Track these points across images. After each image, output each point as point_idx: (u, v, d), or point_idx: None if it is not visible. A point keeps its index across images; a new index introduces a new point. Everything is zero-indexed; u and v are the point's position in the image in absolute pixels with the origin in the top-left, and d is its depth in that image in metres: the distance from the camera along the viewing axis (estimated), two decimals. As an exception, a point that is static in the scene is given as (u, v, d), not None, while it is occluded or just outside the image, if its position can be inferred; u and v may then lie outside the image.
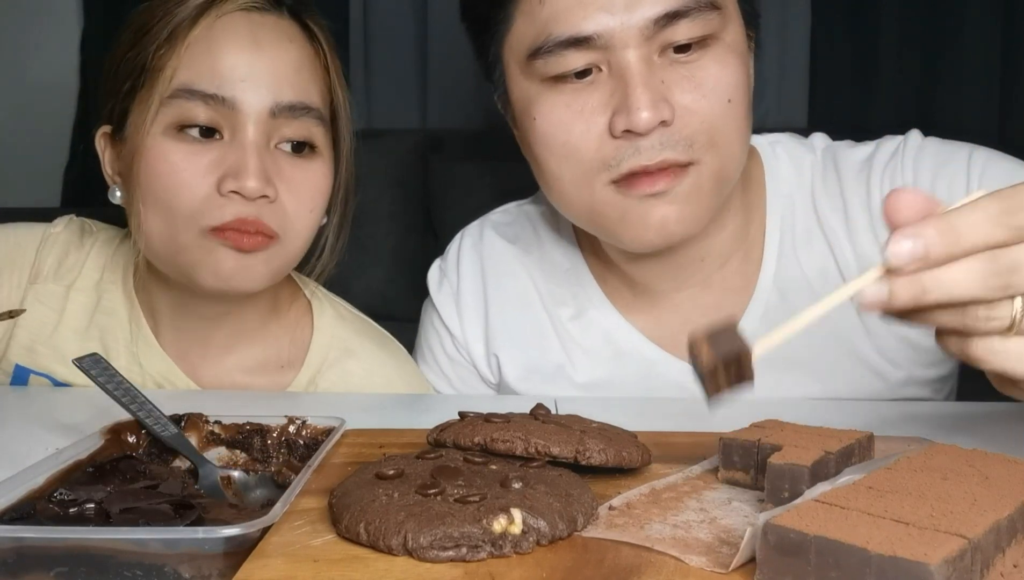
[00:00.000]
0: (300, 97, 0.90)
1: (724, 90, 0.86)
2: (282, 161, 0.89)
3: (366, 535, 0.49)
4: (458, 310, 1.07)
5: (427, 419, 0.72)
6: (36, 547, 0.46)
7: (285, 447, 0.67)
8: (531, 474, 0.56)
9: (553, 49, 0.85)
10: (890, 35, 2.23)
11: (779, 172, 1.02)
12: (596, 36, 0.83)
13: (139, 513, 0.51)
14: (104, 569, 0.46)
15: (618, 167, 0.85)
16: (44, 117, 2.46)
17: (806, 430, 0.63)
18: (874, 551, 0.40)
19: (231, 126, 0.87)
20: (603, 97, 0.85)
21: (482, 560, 0.48)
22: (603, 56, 0.85)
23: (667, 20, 0.83)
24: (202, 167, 0.87)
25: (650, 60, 0.84)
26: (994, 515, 0.44)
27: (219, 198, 0.86)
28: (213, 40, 0.88)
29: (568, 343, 1.03)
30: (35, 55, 2.49)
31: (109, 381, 0.68)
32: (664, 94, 0.83)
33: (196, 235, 0.87)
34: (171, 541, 0.46)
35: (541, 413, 0.67)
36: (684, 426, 0.78)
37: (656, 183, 0.85)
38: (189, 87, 0.87)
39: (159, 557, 0.46)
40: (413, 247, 2.21)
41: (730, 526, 0.53)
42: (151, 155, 0.87)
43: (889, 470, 0.51)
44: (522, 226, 1.10)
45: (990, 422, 0.84)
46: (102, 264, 1.03)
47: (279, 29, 0.91)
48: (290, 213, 0.90)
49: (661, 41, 0.84)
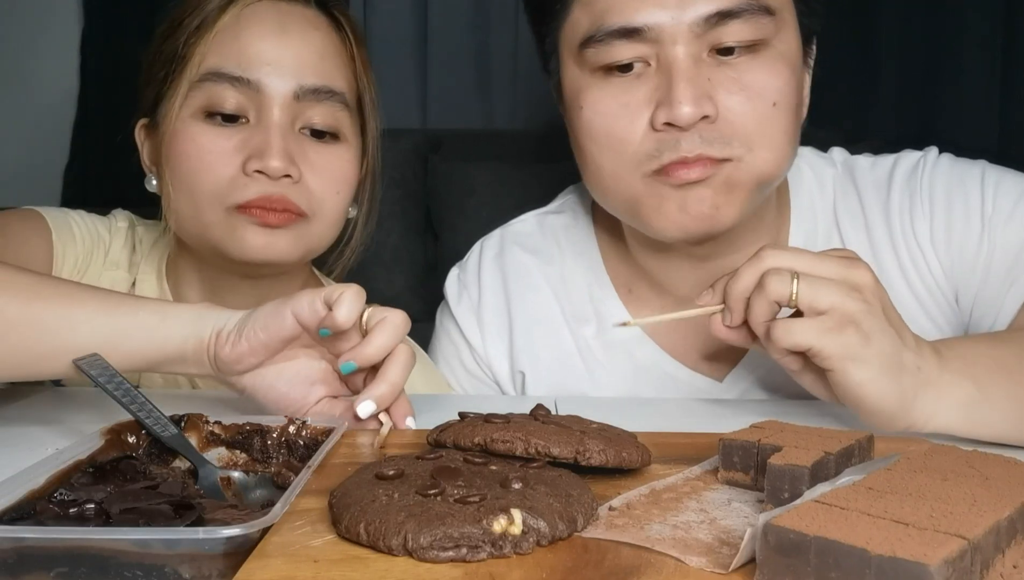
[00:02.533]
0: (324, 81, 0.93)
1: (770, 94, 0.86)
2: (306, 144, 0.93)
3: (366, 535, 0.49)
4: (480, 325, 1.06)
5: (427, 419, 0.72)
6: (37, 547, 0.46)
7: (285, 448, 0.68)
8: (531, 475, 0.56)
9: (604, 39, 0.86)
10: (890, 37, 2.23)
11: (803, 186, 1.02)
12: (647, 28, 0.84)
13: (139, 513, 0.51)
14: (104, 569, 0.46)
15: (658, 158, 0.86)
16: (44, 117, 2.47)
17: (806, 431, 0.63)
18: (874, 552, 0.40)
19: (256, 108, 0.91)
20: (649, 91, 0.86)
21: (482, 560, 0.48)
22: (652, 50, 0.85)
23: (719, 19, 0.84)
24: (228, 148, 0.90)
25: (698, 58, 0.85)
26: (994, 516, 0.44)
27: (244, 178, 0.89)
28: (240, 27, 0.92)
29: (591, 361, 1.03)
30: (35, 55, 2.49)
31: (109, 381, 0.68)
32: (708, 92, 0.84)
33: (222, 213, 0.90)
34: (171, 541, 0.46)
35: (541, 414, 0.67)
36: (684, 426, 0.78)
37: (692, 171, 0.85)
38: (217, 71, 0.91)
39: (159, 557, 0.46)
40: (413, 247, 2.21)
41: (730, 527, 0.53)
42: (180, 137, 0.91)
43: (889, 471, 0.51)
44: (544, 238, 1.09)
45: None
46: (141, 258, 1.06)
47: (305, 17, 0.95)
48: (316, 194, 0.92)
49: (711, 40, 0.85)
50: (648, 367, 1.01)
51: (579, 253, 1.06)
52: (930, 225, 0.95)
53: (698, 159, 0.85)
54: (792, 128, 0.89)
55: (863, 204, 0.99)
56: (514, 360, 1.04)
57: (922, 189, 0.96)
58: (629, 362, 1.01)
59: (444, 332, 1.09)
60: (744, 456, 0.61)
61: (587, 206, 1.09)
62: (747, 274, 0.76)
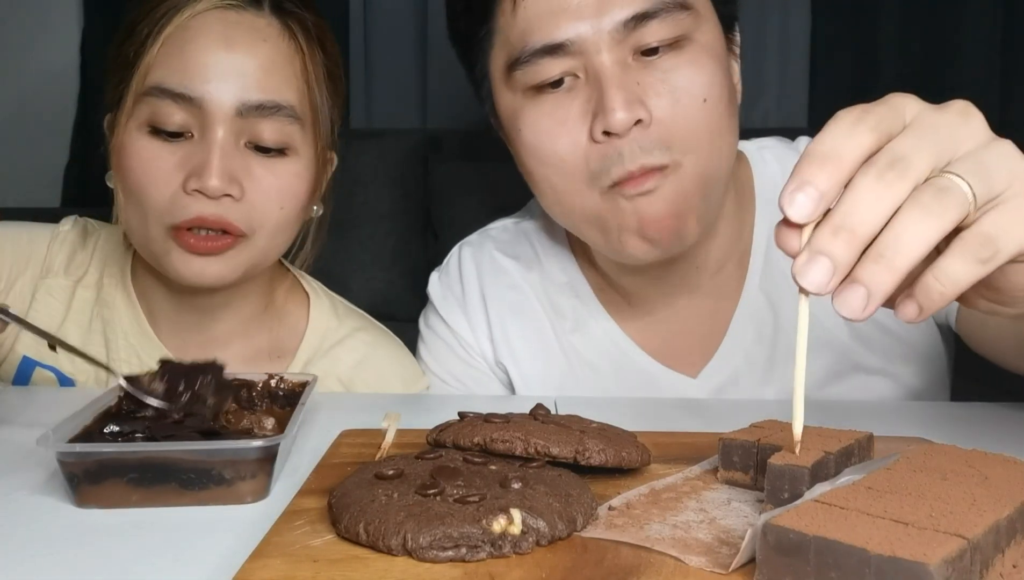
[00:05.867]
0: (269, 96, 0.90)
1: (699, 90, 0.86)
2: (251, 160, 0.91)
3: (366, 535, 0.50)
4: (466, 317, 1.07)
5: (427, 419, 0.72)
6: (114, 460, 0.60)
7: (268, 397, 0.79)
8: (531, 474, 0.56)
9: (530, 59, 0.86)
10: (890, 36, 2.22)
11: (767, 176, 1.02)
12: (569, 43, 0.85)
13: (178, 438, 0.63)
14: (166, 474, 0.60)
15: (607, 175, 0.86)
16: (44, 117, 2.46)
17: (806, 430, 0.62)
18: (873, 551, 0.40)
19: (200, 125, 0.89)
20: (582, 104, 0.86)
21: (482, 560, 0.48)
22: (579, 62, 0.86)
23: (637, 22, 0.84)
24: (171, 165, 0.89)
25: (624, 63, 0.85)
26: (993, 515, 0.44)
27: (184, 196, 0.88)
28: (186, 39, 0.90)
29: (571, 355, 1.03)
30: (35, 55, 2.49)
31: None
32: (639, 95, 0.84)
33: (161, 232, 0.90)
34: (217, 451, 0.61)
35: (541, 413, 0.67)
36: (684, 426, 0.78)
37: (642, 183, 0.85)
38: (160, 85, 0.89)
39: (207, 463, 0.60)
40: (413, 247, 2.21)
41: (730, 526, 0.53)
42: (126, 151, 0.90)
43: (888, 470, 0.51)
44: (521, 244, 1.10)
45: (990, 422, 0.84)
46: (103, 261, 1.05)
47: (254, 28, 0.92)
48: (258, 210, 0.91)
49: (633, 43, 0.85)
50: (624, 364, 1.01)
51: (554, 256, 1.08)
52: None
53: (641, 170, 0.85)
54: (726, 121, 0.89)
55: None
56: (496, 351, 1.06)
57: None
58: (605, 357, 1.02)
59: (432, 334, 1.10)
60: (744, 456, 0.61)
61: None
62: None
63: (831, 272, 0.47)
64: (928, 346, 1.00)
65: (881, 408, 0.91)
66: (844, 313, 0.47)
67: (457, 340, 1.07)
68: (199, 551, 0.55)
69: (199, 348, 1.02)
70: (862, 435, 0.62)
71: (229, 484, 0.61)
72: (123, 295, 1.03)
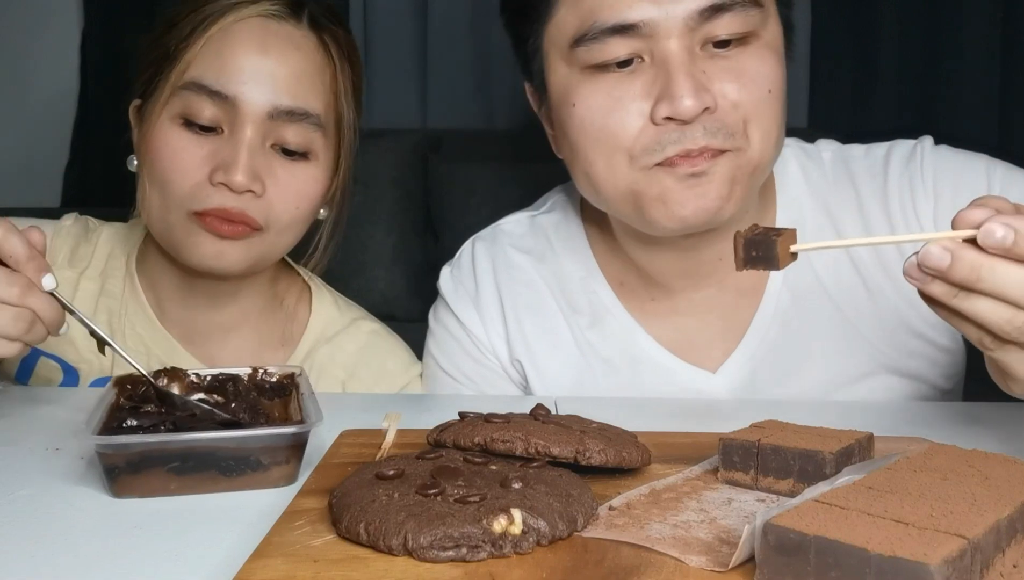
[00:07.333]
0: (299, 103, 0.95)
1: (764, 82, 0.87)
2: (275, 161, 0.95)
3: (366, 535, 0.50)
4: (479, 313, 1.06)
5: (427, 419, 0.72)
6: (156, 449, 0.64)
7: (255, 389, 0.81)
8: (531, 474, 0.56)
9: (598, 36, 0.86)
10: (890, 35, 2.22)
11: (787, 174, 1.02)
12: (641, 24, 0.85)
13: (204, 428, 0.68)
14: (206, 462, 0.65)
15: (662, 152, 0.86)
16: (44, 117, 2.46)
17: (806, 430, 0.63)
18: (874, 551, 0.40)
19: (230, 122, 0.93)
20: (644, 86, 0.86)
21: (482, 560, 0.48)
22: (646, 45, 0.86)
23: (711, 13, 0.85)
24: (199, 157, 0.93)
25: (692, 51, 0.86)
26: (994, 515, 0.44)
27: (209, 187, 0.92)
28: (227, 41, 0.94)
29: (587, 352, 1.03)
30: (35, 55, 2.48)
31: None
32: (705, 84, 0.85)
33: (183, 217, 0.94)
34: (254, 437, 0.66)
35: (541, 413, 0.67)
36: (684, 426, 0.78)
37: (697, 163, 0.86)
38: (198, 81, 0.93)
39: (246, 450, 0.65)
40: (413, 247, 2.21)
41: (730, 526, 0.54)
42: (157, 139, 0.94)
43: (889, 470, 0.51)
44: (535, 238, 1.09)
45: (990, 422, 0.84)
46: (107, 253, 1.08)
47: (290, 37, 0.97)
48: (276, 208, 0.95)
49: (703, 34, 0.86)
50: (643, 359, 1.01)
51: (571, 249, 1.07)
52: (934, 206, 0.95)
53: (702, 150, 0.86)
54: (783, 116, 0.91)
55: (858, 191, 0.99)
56: (511, 348, 1.05)
57: (923, 171, 0.97)
58: (623, 353, 1.02)
59: (442, 329, 1.09)
60: (744, 456, 0.61)
61: (575, 204, 1.09)
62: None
63: (942, 269, 0.58)
64: (957, 352, 1.00)
65: (881, 408, 0.91)
66: (982, 240, 0.58)
67: (469, 337, 1.07)
68: (199, 551, 0.55)
69: (204, 337, 1.05)
70: (862, 435, 0.62)
71: (265, 469, 0.66)
72: (129, 285, 1.06)
